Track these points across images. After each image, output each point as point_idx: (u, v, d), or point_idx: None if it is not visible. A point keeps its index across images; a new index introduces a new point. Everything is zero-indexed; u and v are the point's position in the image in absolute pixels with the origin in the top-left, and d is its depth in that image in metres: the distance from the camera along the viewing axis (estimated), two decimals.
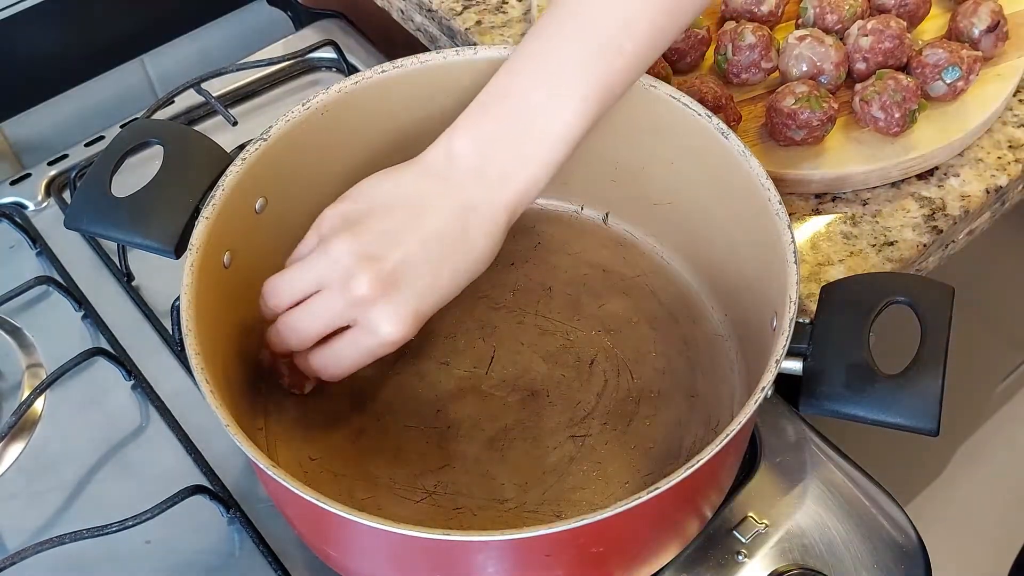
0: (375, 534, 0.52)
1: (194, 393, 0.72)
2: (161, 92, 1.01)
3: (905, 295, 0.58)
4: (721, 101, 0.75)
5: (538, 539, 0.50)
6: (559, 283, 0.74)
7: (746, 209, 0.63)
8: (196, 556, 0.65)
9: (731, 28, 0.80)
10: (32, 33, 0.89)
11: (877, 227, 0.74)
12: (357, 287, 0.57)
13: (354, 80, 0.67)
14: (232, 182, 0.63)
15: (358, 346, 0.59)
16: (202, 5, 1.00)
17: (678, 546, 0.62)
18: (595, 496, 0.63)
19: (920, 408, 0.55)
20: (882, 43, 0.77)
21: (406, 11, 0.94)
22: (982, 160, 0.78)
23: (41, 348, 0.76)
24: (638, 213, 0.75)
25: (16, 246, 0.82)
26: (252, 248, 0.67)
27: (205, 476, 0.69)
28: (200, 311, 0.58)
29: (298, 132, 0.66)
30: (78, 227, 0.65)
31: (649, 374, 0.69)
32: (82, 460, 0.70)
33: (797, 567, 0.62)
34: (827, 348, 0.57)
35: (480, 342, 0.71)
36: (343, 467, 0.65)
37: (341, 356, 0.60)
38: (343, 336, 0.59)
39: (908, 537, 0.63)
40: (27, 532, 0.67)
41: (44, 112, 0.95)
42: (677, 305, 0.72)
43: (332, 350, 0.60)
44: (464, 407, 0.68)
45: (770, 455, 0.67)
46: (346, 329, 0.59)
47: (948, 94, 0.77)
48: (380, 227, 0.58)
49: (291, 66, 0.94)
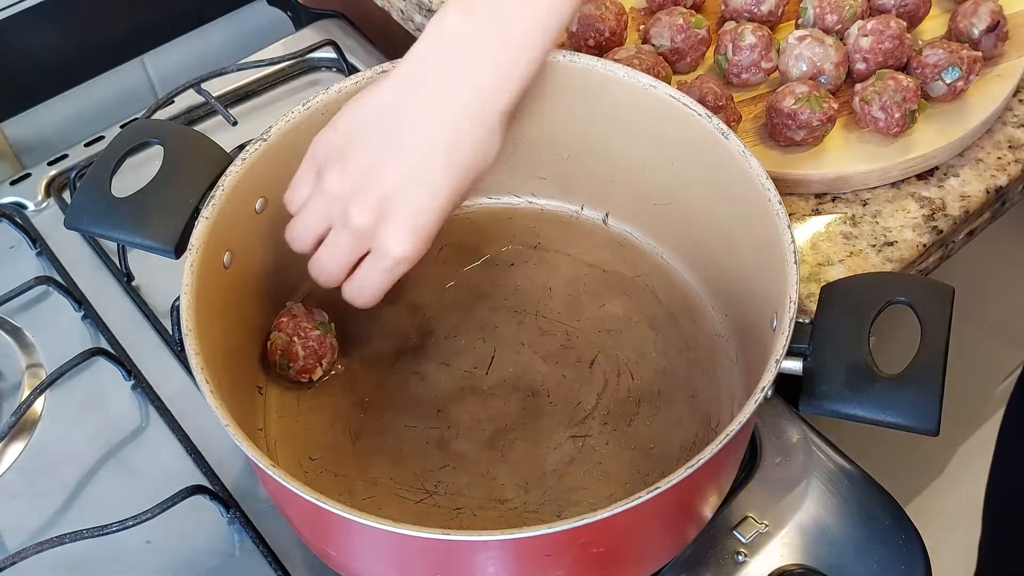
0: (375, 534, 0.52)
1: (194, 393, 0.72)
2: (161, 92, 1.01)
3: (905, 295, 0.58)
4: (721, 101, 0.75)
5: (538, 539, 0.50)
6: (559, 283, 0.74)
7: (746, 209, 0.63)
8: (196, 556, 0.65)
9: (731, 28, 0.80)
10: (32, 33, 0.90)
11: (877, 227, 0.74)
12: (355, 219, 0.59)
13: (354, 80, 0.67)
14: (232, 182, 0.63)
15: (377, 270, 0.61)
16: (202, 5, 1.00)
17: (678, 546, 0.62)
18: (595, 496, 0.63)
19: (920, 408, 0.55)
20: (882, 43, 0.77)
21: (406, 11, 0.94)
22: (982, 160, 0.78)
23: (41, 348, 0.76)
24: (638, 213, 0.75)
25: (16, 246, 0.82)
26: (252, 248, 0.67)
27: (205, 476, 0.69)
28: (200, 311, 0.58)
29: (298, 132, 0.66)
30: (78, 227, 0.65)
31: (649, 374, 0.69)
32: (82, 460, 0.70)
33: (797, 567, 0.62)
34: (827, 348, 0.57)
35: (480, 342, 0.71)
36: (343, 467, 0.65)
37: (366, 283, 0.62)
38: (363, 264, 0.61)
39: (908, 537, 0.63)
40: (27, 532, 0.67)
41: (44, 112, 0.95)
42: (677, 305, 0.72)
43: (357, 279, 0.62)
44: (464, 407, 0.68)
45: (770, 455, 0.67)
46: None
47: (948, 94, 0.77)
48: (366, 154, 0.59)
49: (291, 66, 0.94)
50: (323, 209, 0.60)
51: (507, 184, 0.77)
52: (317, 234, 0.61)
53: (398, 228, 0.58)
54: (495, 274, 0.75)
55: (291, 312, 0.69)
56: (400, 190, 0.58)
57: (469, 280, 0.74)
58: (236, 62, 0.89)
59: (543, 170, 0.76)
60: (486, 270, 0.75)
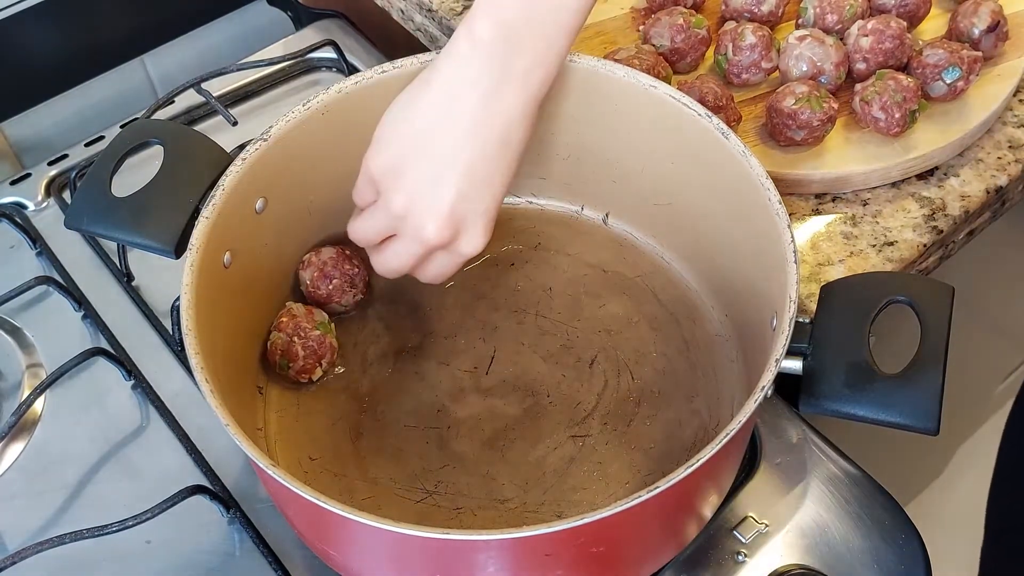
0: (375, 534, 0.52)
1: (194, 393, 0.72)
2: (161, 92, 1.01)
3: (905, 295, 0.58)
4: (721, 101, 0.75)
5: (538, 539, 0.50)
6: (559, 283, 0.74)
7: (746, 209, 0.63)
8: (196, 556, 0.65)
9: (731, 28, 0.80)
10: (32, 33, 0.90)
11: (877, 227, 0.74)
12: (429, 238, 0.61)
13: (354, 80, 0.67)
14: (232, 182, 0.63)
15: (449, 264, 0.64)
16: (202, 5, 1.00)
17: (678, 546, 0.62)
18: (595, 496, 0.63)
19: (920, 408, 0.55)
20: (882, 43, 0.77)
21: (406, 11, 0.94)
22: (982, 160, 0.78)
23: (41, 348, 0.76)
24: (638, 213, 0.75)
25: (16, 246, 0.82)
26: (252, 248, 0.67)
27: (205, 476, 0.69)
28: (200, 311, 0.58)
29: (298, 132, 0.66)
30: (78, 227, 0.65)
31: (649, 374, 0.69)
32: (82, 460, 0.70)
33: (797, 567, 0.62)
34: (827, 348, 0.57)
35: (480, 342, 0.71)
36: (343, 467, 0.65)
37: (440, 272, 0.65)
38: (434, 257, 0.64)
39: (908, 537, 0.63)
40: (27, 532, 0.67)
41: (44, 112, 0.95)
42: (677, 305, 0.72)
43: (432, 266, 0.65)
44: (464, 407, 0.68)
45: (770, 455, 0.67)
46: None
47: (948, 94, 0.77)
48: (422, 170, 0.61)
49: (291, 66, 0.94)
50: (387, 221, 0.63)
51: None
52: (379, 237, 0.65)
53: (472, 235, 0.62)
54: (495, 274, 0.75)
55: (291, 312, 0.69)
56: (465, 197, 0.60)
57: (469, 280, 0.74)
58: (236, 62, 0.89)
59: (543, 170, 0.76)
60: (486, 270, 0.75)
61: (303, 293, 0.72)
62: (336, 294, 0.71)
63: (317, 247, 0.72)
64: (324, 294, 0.71)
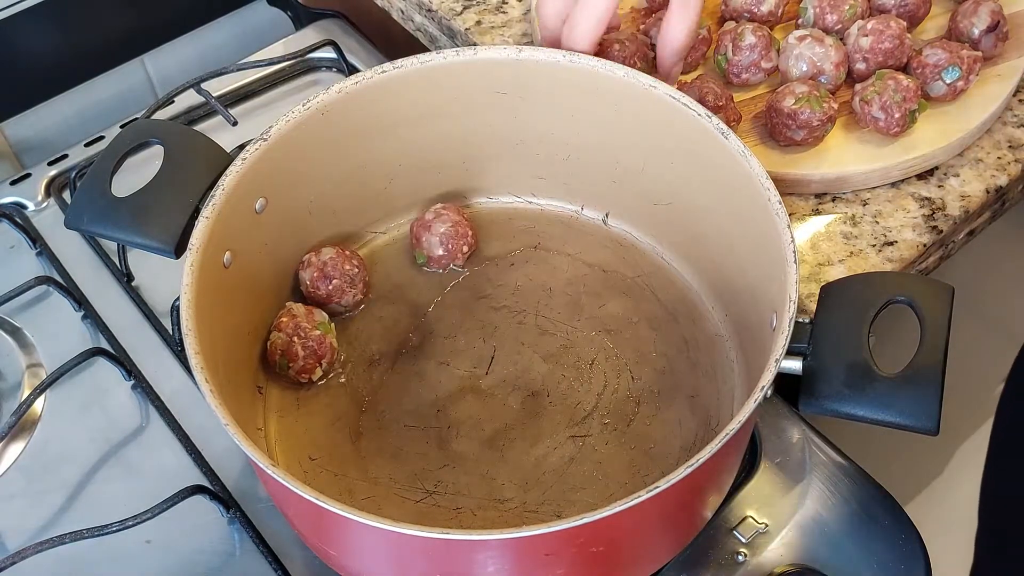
0: (375, 533, 0.52)
1: (194, 393, 0.72)
2: (161, 92, 1.01)
3: (905, 295, 0.58)
4: (721, 101, 0.75)
5: (538, 538, 0.50)
6: (559, 283, 0.74)
7: (746, 209, 0.63)
8: (196, 556, 0.65)
9: (731, 28, 0.80)
10: (32, 33, 0.90)
11: (877, 227, 0.74)
12: None
13: (354, 80, 0.67)
14: (232, 182, 0.63)
15: None
16: (202, 5, 1.00)
17: (678, 546, 0.62)
18: (595, 496, 0.63)
19: (920, 408, 0.54)
20: (882, 43, 0.77)
21: (406, 11, 0.94)
22: (982, 160, 0.78)
23: (41, 348, 0.76)
24: (638, 213, 0.75)
25: (16, 246, 0.82)
26: (252, 248, 0.67)
27: (205, 476, 0.69)
28: (200, 311, 0.58)
29: (298, 132, 0.66)
30: (78, 227, 0.65)
31: (649, 374, 0.69)
32: (82, 460, 0.70)
33: (797, 567, 0.62)
34: (827, 347, 0.57)
35: (480, 342, 0.71)
36: (343, 467, 0.65)
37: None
38: None
39: (908, 537, 0.63)
40: (27, 532, 0.67)
41: (44, 112, 0.95)
42: (677, 305, 0.72)
43: None
44: (464, 407, 0.68)
45: (770, 455, 0.67)
46: None
47: (948, 94, 0.77)
48: None
49: (291, 66, 0.94)
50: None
51: (507, 184, 0.78)
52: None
53: None
54: (495, 274, 0.75)
55: (291, 312, 0.69)
56: None
57: (469, 280, 0.74)
58: (236, 62, 0.89)
59: (543, 170, 0.76)
60: (486, 270, 0.75)
61: (303, 293, 0.72)
62: (336, 294, 0.71)
63: (317, 247, 0.72)
64: (324, 294, 0.71)
